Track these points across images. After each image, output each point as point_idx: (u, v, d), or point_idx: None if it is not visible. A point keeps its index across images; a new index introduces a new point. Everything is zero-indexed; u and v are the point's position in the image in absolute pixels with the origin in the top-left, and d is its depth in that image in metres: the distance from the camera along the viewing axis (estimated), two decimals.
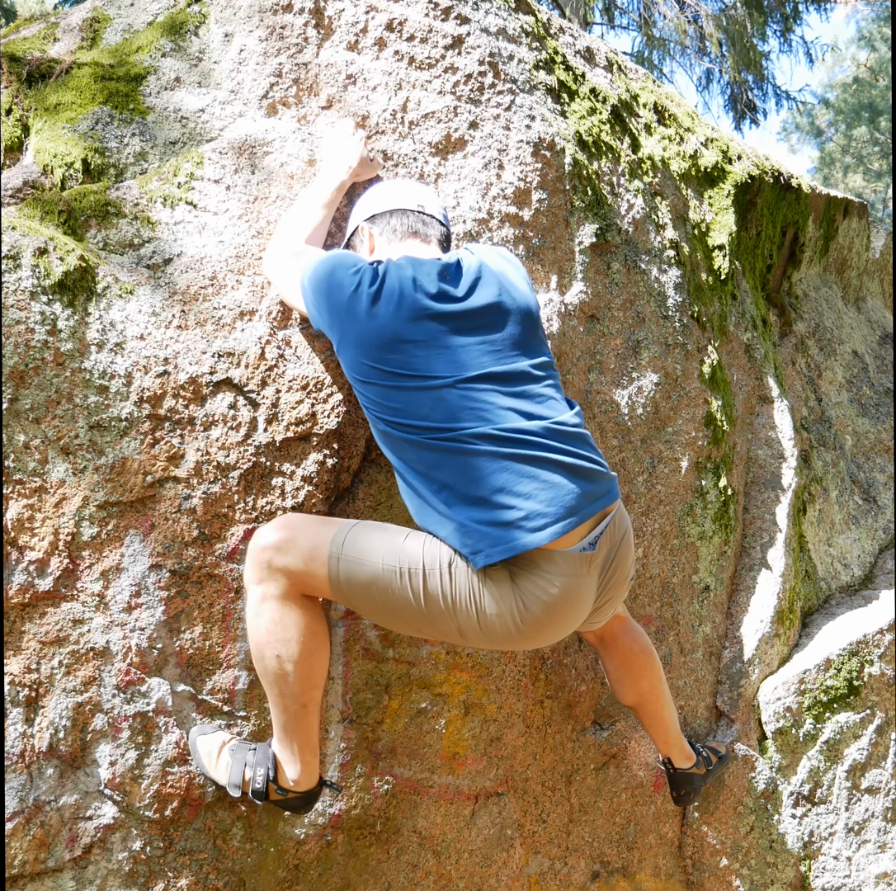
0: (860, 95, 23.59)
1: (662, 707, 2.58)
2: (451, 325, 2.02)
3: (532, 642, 2.06)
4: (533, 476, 1.94)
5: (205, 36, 2.45)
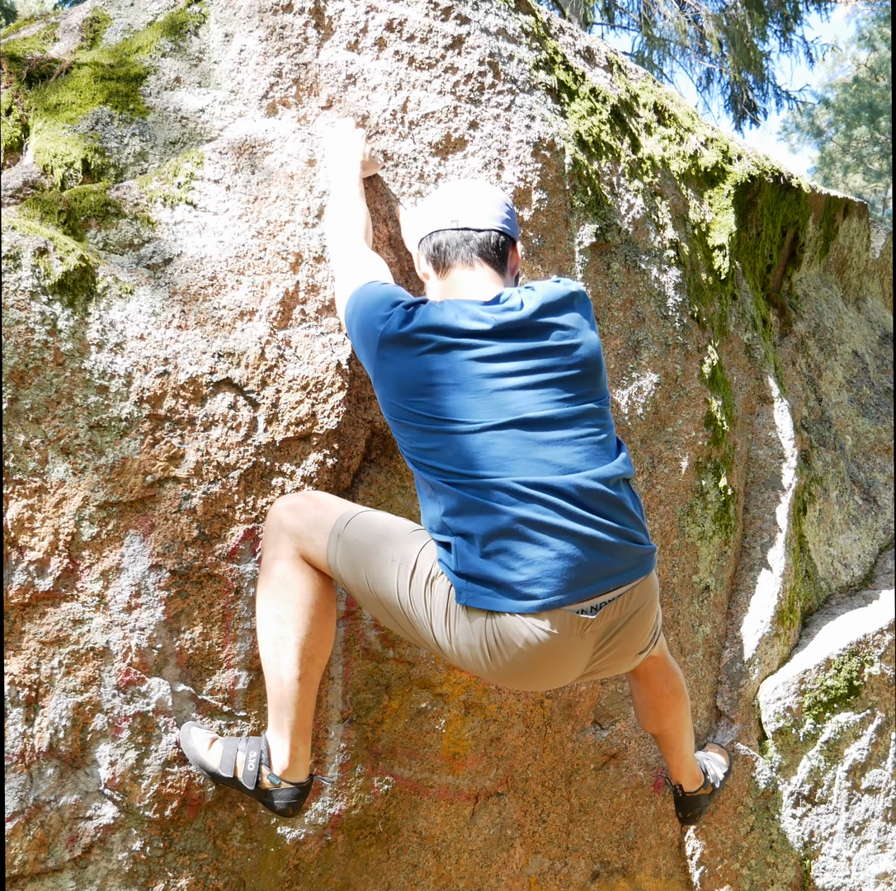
0: (860, 95, 23.59)
1: (682, 740, 2.59)
2: (486, 367, 1.90)
3: (509, 683, 1.97)
4: (543, 543, 1.82)
5: (205, 36, 2.45)
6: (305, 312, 2.30)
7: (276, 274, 2.28)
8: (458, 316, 1.94)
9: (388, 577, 1.98)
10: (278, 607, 2.03)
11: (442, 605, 1.91)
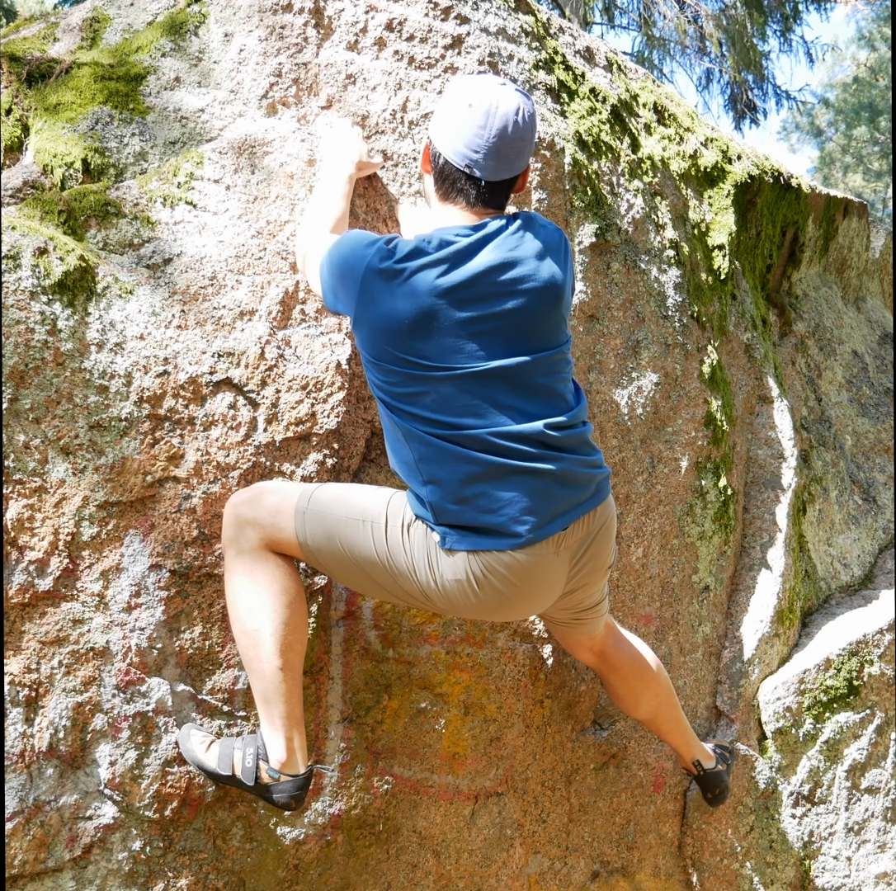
0: (860, 95, 23.59)
1: (676, 707, 2.59)
2: (467, 311, 1.90)
3: (496, 614, 2.06)
4: (517, 484, 1.91)
5: (205, 36, 2.45)
6: (305, 311, 2.30)
7: (275, 274, 2.28)
8: (442, 246, 1.92)
9: (363, 537, 2.01)
10: (248, 601, 2.02)
11: (422, 549, 1.98)
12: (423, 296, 1.89)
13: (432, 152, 2.02)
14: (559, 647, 2.62)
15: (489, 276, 1.92)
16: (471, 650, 2.45)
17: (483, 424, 1.91)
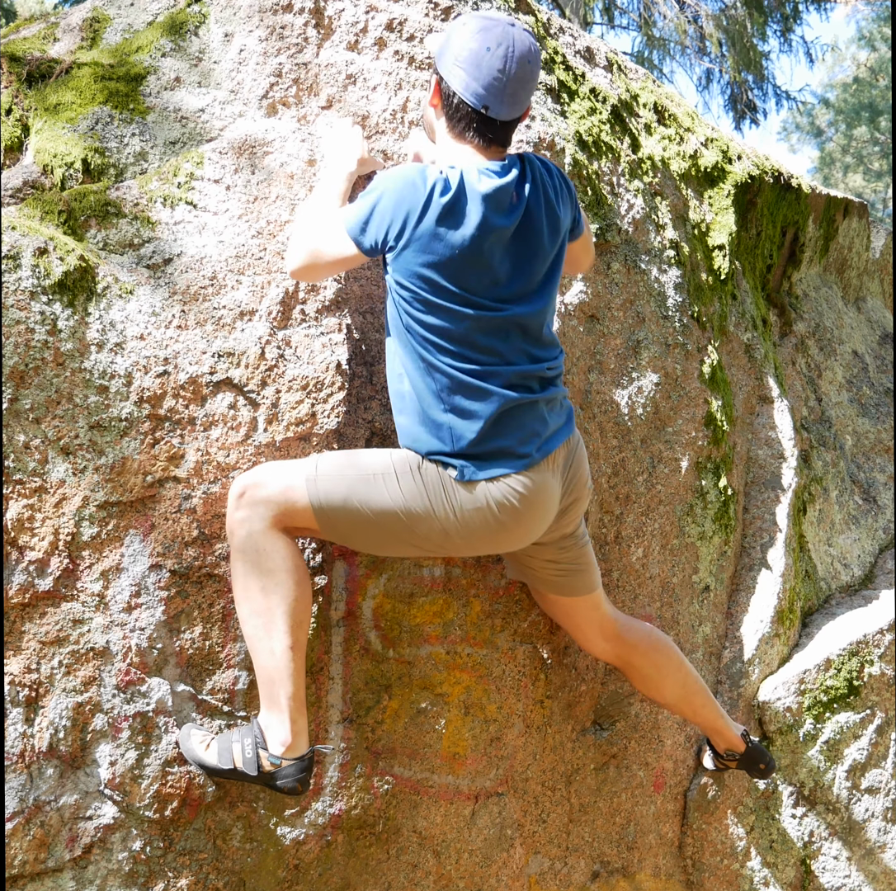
0: (860, 95, 23.59)
1: (701, 680, 2.61)
2: (506, 250, 2.06)
3: (511, 536, 2.16)
4: (525, 414, 2.11)
5: (205, 36, 2.45)
6: (305, 311, 2.30)
7: (276, 274, 2.28)
8: (487, 187, 2.03)
9: (378, 491, 2.08)
10: (261, 579, 2.03)
11: (437, 486, 2.09)
12: (477, 229, 2.01)
13: (444, 91, 2.07)
14: (559, 647, 2.62)
15: (524, 218, 2.08)
16: (471, 650, 2.45)
17: (502, 362, 2.08)
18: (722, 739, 2.71)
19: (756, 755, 2.71)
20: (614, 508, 2.73)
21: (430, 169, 2.05)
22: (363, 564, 2.33)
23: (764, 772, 2.73)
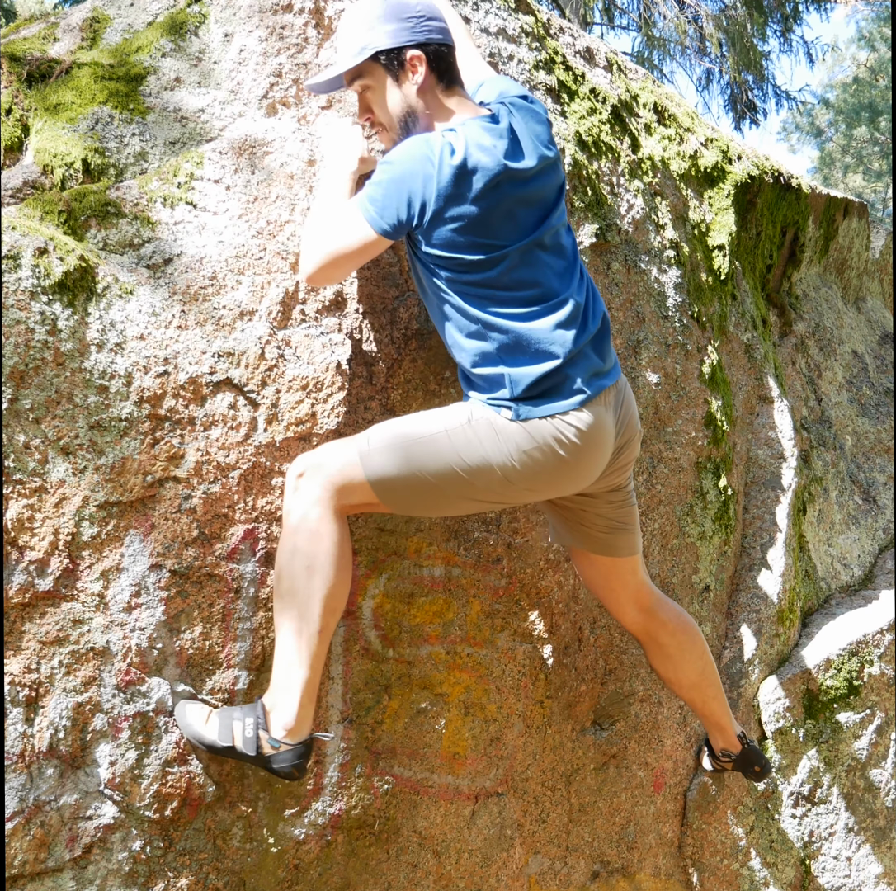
0: (860, 95, 23.59)
1: (717, 673, 2.62)
2: (517, 190, 2.09)
3: (571, 474, 2.15)
4: (580, 357, 2.12)
5: (205, 36, 2.45)
6: (305, 312, 2.30)
7: (276, 274, 2.28)
8: (491, 139, 2.07)
9: (433, 452, 2.09)
10: (308, 559, 2.04)
11: (489, 432, 2.09)
12: (492, 179, 2.04)
13: (431, 56, 2.12)
14: (559, 647, 2.62)
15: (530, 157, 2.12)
16: (471, 650, 2.45)
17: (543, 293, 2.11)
18: (722, 737, 2.72)
19: (752, 757, 2.72)
20: None
21: (432, 137, 2.06)
22: (363, 564, 2.33)
23: (759, 774, 2.73)
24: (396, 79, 2.13)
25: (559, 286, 2.12)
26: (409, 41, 2.09)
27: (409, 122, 2.16)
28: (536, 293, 2.10)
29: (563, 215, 2.20)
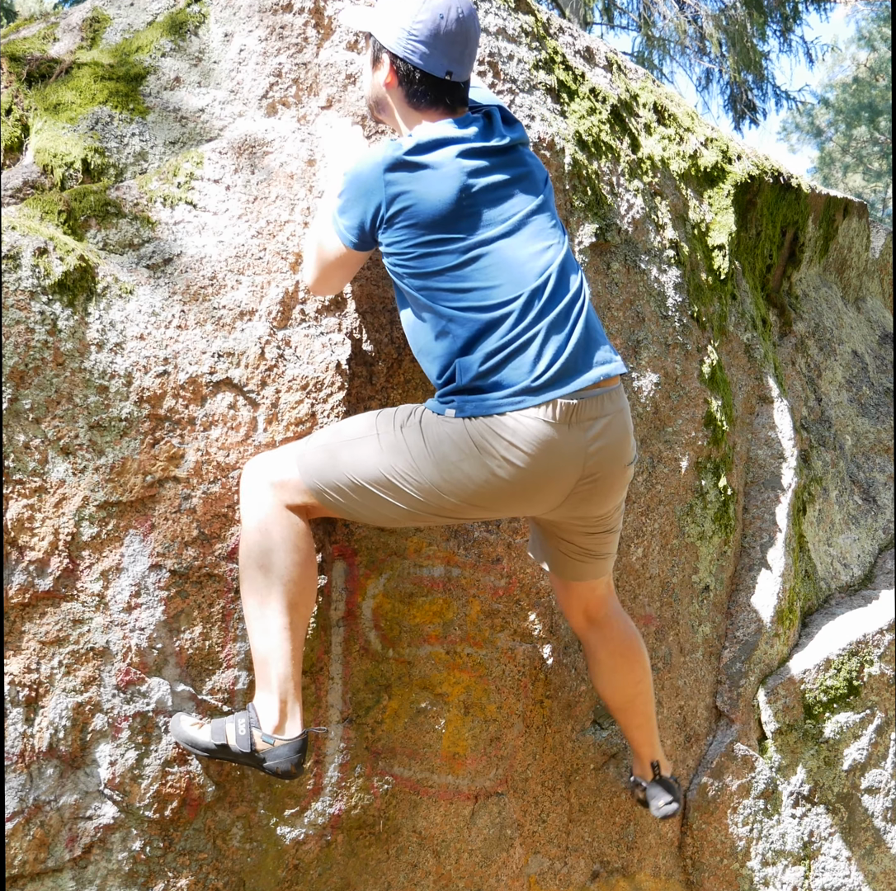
0: (860, 95, 23.58)
1: (652, 704, 2.54)
2: (476, 182, 2.04)
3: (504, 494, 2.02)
4: (537, 346, 1.99)
5: (205, 36, 2.45)
6: (305, 311, 2.30)
7: (275, 274, 2.28)
8: (443, 130, 2.05)
9: (362, 454, 2.05)
10: (261, 558, 2.05)
11: (417, 440, 2.02)
12: (447, 176, 2.01)
13: (400, 68, 2.09)
14: (559, 647, 2.62)
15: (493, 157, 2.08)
16: (471, 650, 2.45)
17: (500, 284, 2.01)
18: (638, 765, 2.62)
19: (659, 791, 2.56)
20: None
21: (385, 142, 2.08)
22: (363, 564, 2.33)
23: (660, 811, 2.55)
24: (373, 64, 2.16)
25: (528, 278, 2.03)
26: (388, 45, 2.09)
27: (378, 107, 2.20)
28: (500, 284, 2.02)
29: (545, 207, 2.13)
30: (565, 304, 2.05)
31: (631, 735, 2.58)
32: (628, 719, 2.54)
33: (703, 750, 2.98)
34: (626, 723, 2.55)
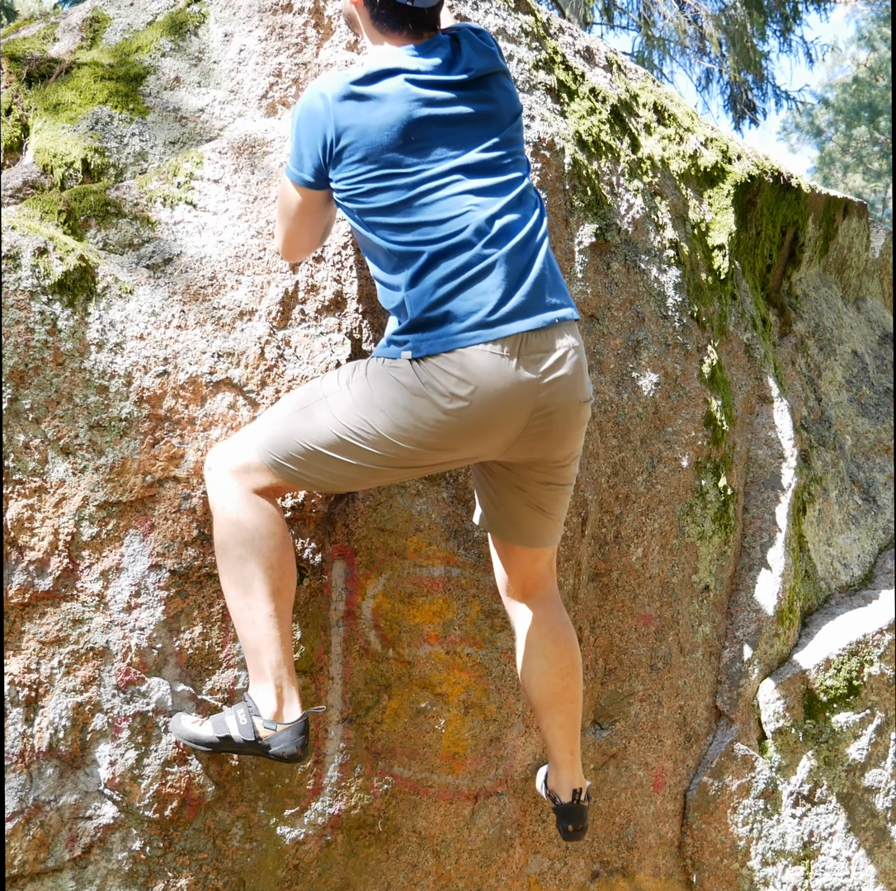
0: (860, 95, 23.57)
1: (579, 704, 2.33)
2: (431, 113, 2.01)
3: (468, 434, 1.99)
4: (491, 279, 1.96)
5: (204, 36, 2.45)
6: (305, 311, 2.30)
7: (275, 274, 2.28)
8: (396, 60, 2.03)
9: (313, 419, 2.02)
10: (237, 549, 2.03)
11: (365, 391, 1.99)
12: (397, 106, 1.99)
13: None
14: None
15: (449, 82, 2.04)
16: (471, 650, 2.45)
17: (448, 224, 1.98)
18: (555, 776, 2.37)
19: (571, 815, 2.35)
20: (614, 507, 2.73)
21: (330, 74, 2.07)
22: (363, 565, 2.33)
23: (569, 834, 2.36)
24: None
25: (477, 212, 1.99)
26: None
27: (351, 22, 2.22)
28: (449, 218, 1.98)
29: (508, 144, 2.08)
30: (522, 237, 2.01)
31: (552, 736, 2.32)
32: (552, 717, 2.31)
33: (703, 750, 2.98)
34: (549, 722, 2.31)
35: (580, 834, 2.37)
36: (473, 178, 2.02)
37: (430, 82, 2.03)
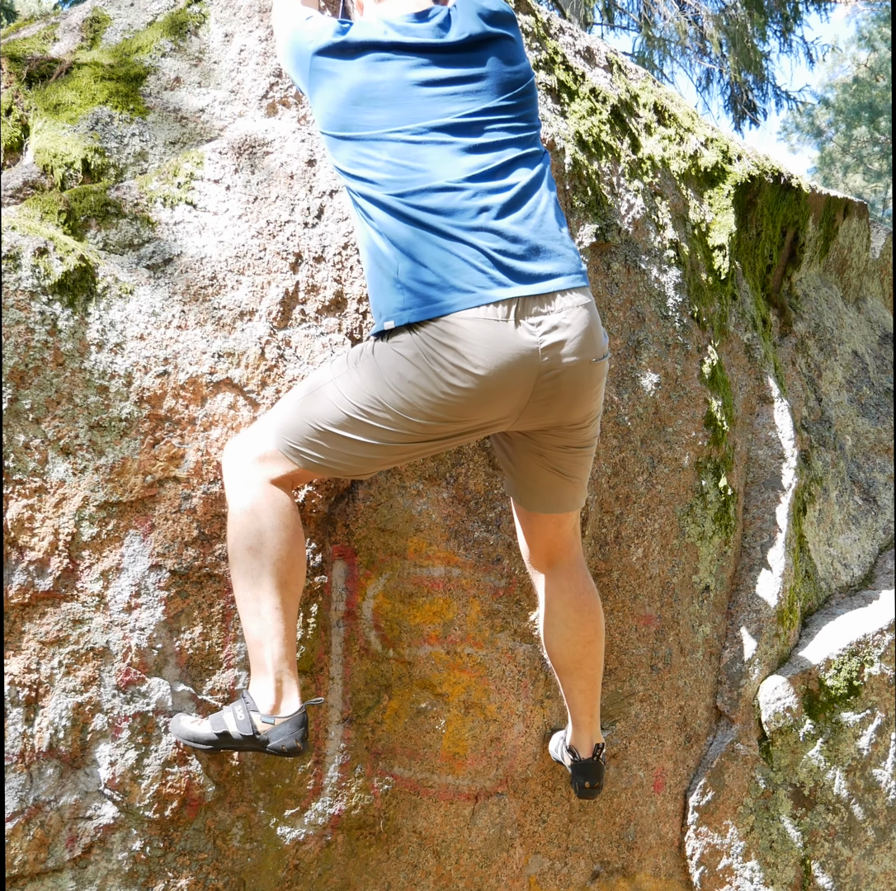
0: (860, 95, 23.58)
1: (599, 671, 2.40)
2: (418, 72, 2.02)
3: (481, 395, 1.96)
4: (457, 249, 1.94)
5: (205, 36, 2.45)
6: (305, 312, 2.30)
7: (276, 274, 2.28)
8: (388, 31, 2.04)
9: (325, 401, 2.02)
10: (249, 539, 2.03)
11: (372, 368, 1.99)
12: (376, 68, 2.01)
13: None
14: None
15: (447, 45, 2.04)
16: (471, 650, 2.45)
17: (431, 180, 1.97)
18: (576, 734, 2.49)
19: (591, 771, 2.47)
20: (614, 508, 2.73)
21: (328, 21, 2.10)
22: (363, 565, 2.33)
23: (585, 791, 2.48)
24: None
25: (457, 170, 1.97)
26: None
27: None
28: (432, 178, 1.96)
29: (508, 109, 2.05)
30: (516, 192, 1.99)
31: (573, 700, 2.43)
32: (573, 682, 2.40)
33: (703, 750, 2.98)
34: (569, 686, 2.41)
35: (595, 792, 2.49)
36: (462, 140, 2.00)
37: (418, 46, 2.04)
